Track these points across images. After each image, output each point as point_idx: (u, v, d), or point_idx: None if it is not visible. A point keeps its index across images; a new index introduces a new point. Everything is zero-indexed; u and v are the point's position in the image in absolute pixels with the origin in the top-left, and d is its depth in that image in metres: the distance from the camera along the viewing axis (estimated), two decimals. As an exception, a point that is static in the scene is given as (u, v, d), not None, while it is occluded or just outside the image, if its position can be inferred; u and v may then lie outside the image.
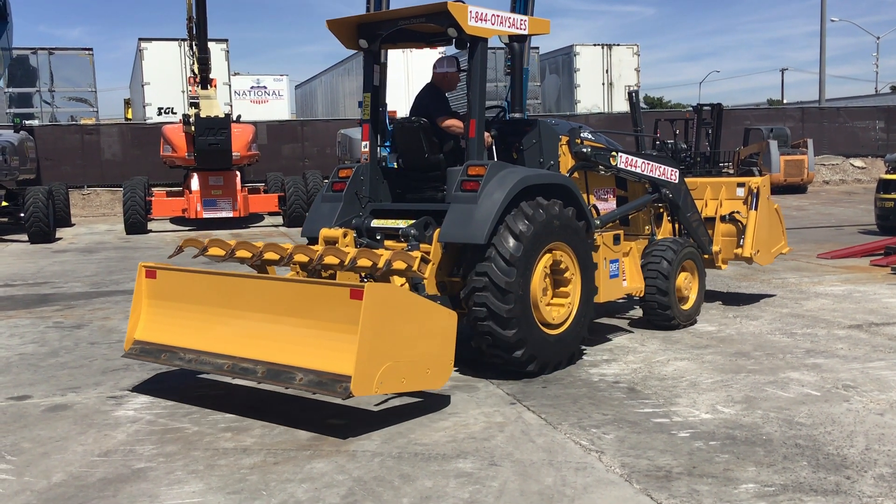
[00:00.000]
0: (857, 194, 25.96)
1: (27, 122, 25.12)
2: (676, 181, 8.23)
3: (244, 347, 5.51)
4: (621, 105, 33.86)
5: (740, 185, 8.92)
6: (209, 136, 18.01)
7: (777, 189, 25.87)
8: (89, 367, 6.87)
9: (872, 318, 8.00)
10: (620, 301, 8.17)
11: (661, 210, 8.52)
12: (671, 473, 4.33)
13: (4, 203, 18.07)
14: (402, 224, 6.60)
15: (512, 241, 6.00)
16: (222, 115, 18.41)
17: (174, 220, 20.72)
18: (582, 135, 7.35)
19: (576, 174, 7.36)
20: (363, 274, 6.02)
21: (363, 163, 7.11)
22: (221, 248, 6.46)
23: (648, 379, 6.12)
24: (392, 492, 4.18)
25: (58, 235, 18.20)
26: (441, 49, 33.01)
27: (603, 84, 34.34)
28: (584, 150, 7.28)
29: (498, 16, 6.49)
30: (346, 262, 5.80)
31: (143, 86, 29.62)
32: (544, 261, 6.26)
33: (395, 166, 7.33)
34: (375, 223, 6.81)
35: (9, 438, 5.13)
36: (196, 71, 18.63)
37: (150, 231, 18.93)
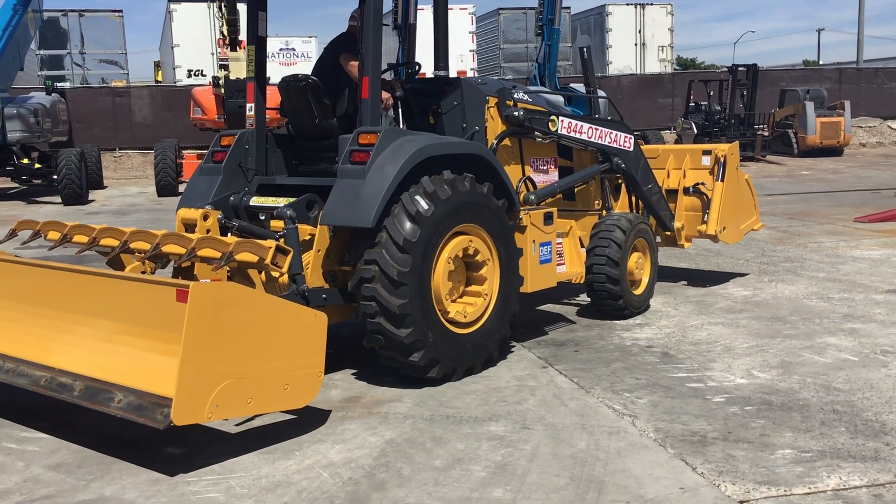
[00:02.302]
0: (894, 157, 25.45)
1: (59, 84, 25.26)
2: (630, 149, 7.32)
3: (65, 357, 4.56)
4: (654, 66, 33.33)
5: (706, 152, 7.80)
6: (239, 98, 17.97)
7: (813, 152, 25.48)
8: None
9: (911, 283, 7.85)
10: (576, 283, 6.97)
11: (620, 182, 7.64)
12: (706, 438, 4.28)
13: (37, 165, 18.22)
14: (282, 202, 5.55)
15: (408, 224, 5.01)
16: (252, 77, 18.39)
17: (205, 183, 20.80)
18: (515, 96, 6.42)
19: (507, 141, 6.43)
20: (231, 266, 5.04)
21: (248, 128, 6.11)
22: (57, 231, 5.59)
23: (682, 343, 6.06)
24: (424, 454, 4.17)
25: (90, 197, 18.36)
26: (471, 10, 32.44)
27: (635, 45, 33.77)
28: (517, 113, 6.29)
29: None
30: (184, 253, 4.85)
31: (172, 48, 29.58)
32: (451, 247, 5.29)
33: (287, 132, 6.35)
34: (255, 201, 5.81)
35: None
36: (225, 33, 18.57)
37: (181, 194, 19.04)
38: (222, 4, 18.52)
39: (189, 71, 29.43)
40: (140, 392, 4.09)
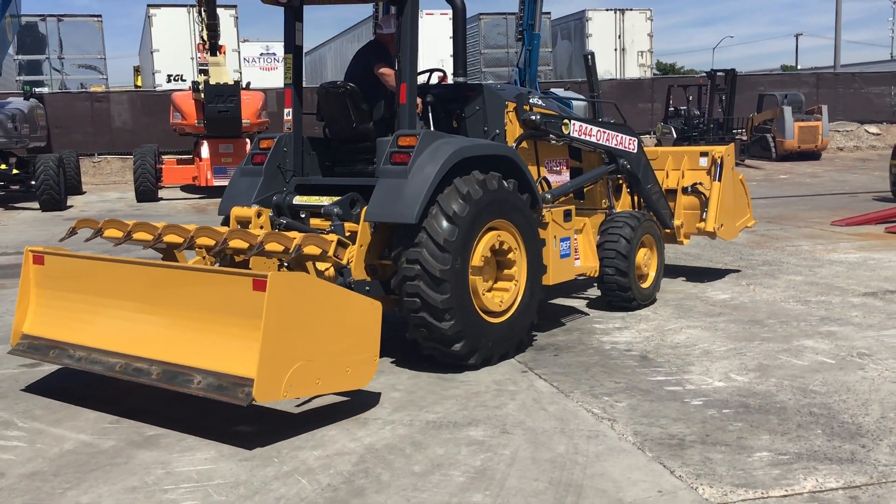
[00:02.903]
0: (871, 161, 25.70)
1: (37, 89, 25.07)
2: (635, 151, 7.74)
3: (139, 345, 4.86)
4: (634, 71, 33.52)
5: (703, 154, 8.28)
6: (219, 103, 17.94)
7: (791, 156, 25.68)
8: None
9: (887, 286, 7.92)
10: (580, 279, 7.52)
11: (621, 182, 8.01)
12: (684, 441, 4.31)
13: (15, 171, 18.07)
14: (325, 201, 5.92)
15: (445, 224, 5.35)
16: (232, 83, 18.33)
17: (184, 188, 20.70)
18: (531, 100, 6.81)
19: (524, 144, 6.75)
20: (281, 260, 5.38)
21: (286, 132, 6.41)
22: (119, 230, 5.81)
23: (661, 347, 6.09)
24: (403, 459, 4.17)
25: (69, 203, 18.22)
26: (450, 15, 32.50)
27: (615, 50, 33.95)
28: (533, 117, 6.66)
29: None
30: (253, 246, 5.08)
31: (152, 53, 29.46)
32: (485, 242, 5.64)
33: (324, 136, 6.67)
34: (298, 200, 6.12)
35: (21, 405, 5.14)
36: (205, 37, 18.53)
37: (161, 199, 18.93)
38: (202, 9, 18.46)
39: (169, 76, 29.32)
40: (219, 374, 4.41)
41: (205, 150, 18.99)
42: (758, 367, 5.54)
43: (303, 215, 6.06)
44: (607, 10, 34.29)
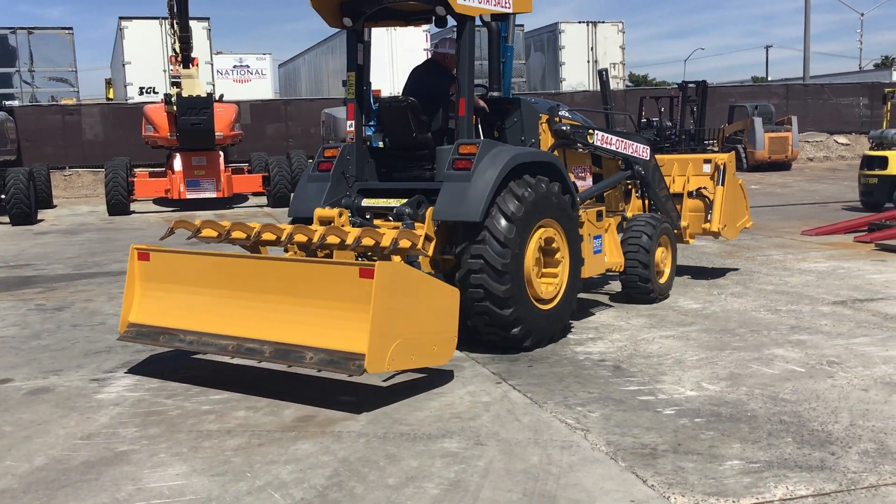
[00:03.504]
0: (841, 171, 26.06)
1: (7, 102, 24.83)
2: (648, 158, 8.39)
3: (249, 328, 5.45)
4: (606, 83, 33.72)
5: (707, 161, 9.03)
6: (191, 115, 17.88)
7: (762, 166, 25.97)
8: (71, 349, 6.81)
9: (856, 294, 8.03)
10: (596, 277, 8.25)
11: (630, 186, 8.61)
12: (656, 451, 4.33)
13: (-16, 185, 17.87)
14: (393, 203, 6.56)
15: (504, 223, 6.04)
16: (204, 95, 18.26)
17: (157, 201, 20.57)
18: (560, 113, 7.46)
19: (555, 152, 7.36)
20: (365, 252, 5.95)
21: (349, 142, 7.00)
22: (215, 230, 6.38)
23: (634, 357, 6.12)
24: (377, 472, 4.16)
25: (39, 217, 18.03)
26: (425, 27, 32.83)
27: (588, 62, 34.22)
28: (564, 128, 7.34)
29: None
30: (349, 242, 5.77)
31: (124, 65, 29.30)
32: (535, 238, 6.32)
33: (381, 145, 7.26)
34: (366, 202, 6.75)
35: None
36: (177, 50, 18.47)
37: (133, 212, 18.79)
38: (174, 21, 18.39)
39: (141, 88, 29.17)
40: (329, 350, 5.01)
41: (177, 163, 18.90)
42: (729, 375, 5.59)
43: (368, 216, 6.68)
44: (580, 22, 34.57)
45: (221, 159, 19.20)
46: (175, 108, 18.02)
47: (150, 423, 4.95)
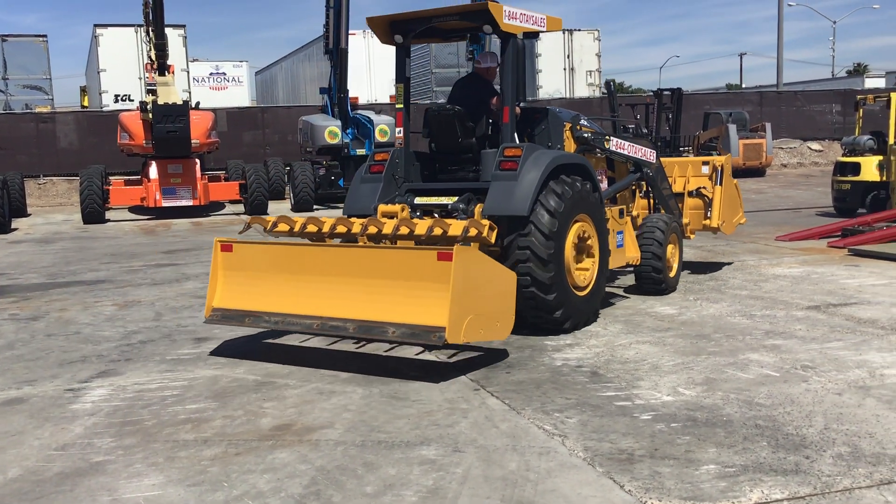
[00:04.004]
0: (814, 177, 26.33)
1: (-20, 110, 24.58)
2: (654, 160, 9.01)
3: (331, 308, 6.08)
4: (582, 90, 33.95)
5: (705, 163, 9.86)
6: (167, 123, 17.78)
7: (736, 173, 26.10)
8: (46, 359, 6.75)
9: (830, 299, 8.11)
10: (615, 270, 8.71)
11: (634, 187, 9.25)
12: (633, 456, 4.36)
13: (-43, 193, 17.67)
14: (445, 200, 7.30)
15: (548, 217, 6.74)
16: (180, 102, 18.17)
17: (132, 210, 20.44)
18: (581, 122, 8.16)
19: None
20: (430, 241, 6.49)
21: (398, 147, 7.71)
22: (288, 224, 7.05)
23: (611, 362, 6.15)
24: (355, 480, 4.15)
25: (13, 226, 17.86)
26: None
27: (564, 69, 34.40)
28: (585, 135, 8.06)
29: (525, 14, 7.28)
30: (421, 232, 6.45)
31: (99, 73, 29.11)
32: (573, 231, 7.04)
33: (429, 150, 7.94)
34: (418, 200, 7.43)
35: None
36: (153, 57, 18.37)
37: (108, 220, 18.66)
38: (150, 29, 18.29)
39: (116, 96, 29.00)
40: (410, 325, 5.70)
41: (153, 171, 18.79)
42: (705, 380, 5.63)
43: (417, 213, 7.29)
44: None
45: (198, 167, 19.11)
46: (151, 115, 17.91)
47: (126, 433, 4.91)
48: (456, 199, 7.20)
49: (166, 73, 18.26)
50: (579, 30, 34.97)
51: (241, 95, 38.96)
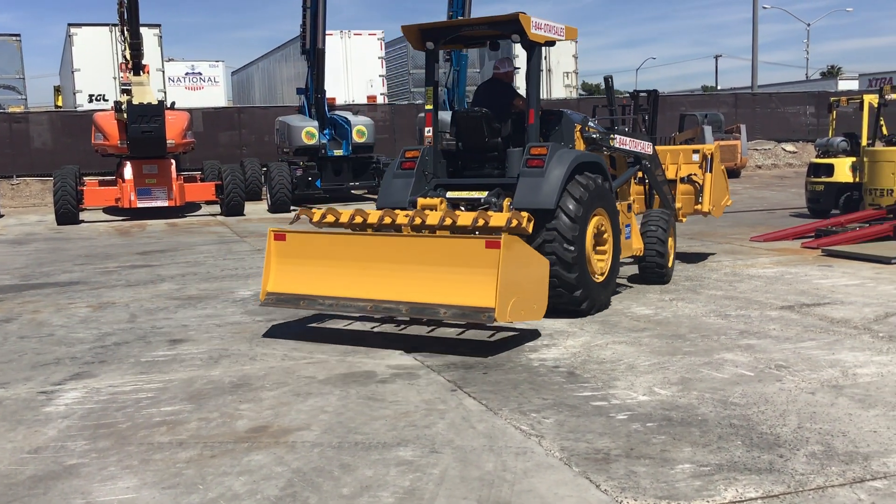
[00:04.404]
0: (788, 178, 26.58)
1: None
2: (651, 153, 9.58)
3: (384, 292, 6.62)
4: (559, 91, 34.04)
5: (695, 151, 10.62)
6: (142, 123, 17.63)
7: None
8: (19, 361, 6.67)
9: (804, 299, 8.19)
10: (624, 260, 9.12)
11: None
12: (609, 456, 4.38)
13: (-72, 194, 17.45)
14: (475, 195, 7.90)
15: (573, 204, 7.43)
16: (155, 102, 18.02)
17: (107, 210, 20.26)
18: (589, 123, 8.74)
19: None
20: (467, 230, 7.04)
21: (427, 145, 8.28)
22: (333, 216, 7.52)
23: (587, 363, 6.18)
24: (332, 482, 4.14)
25: (-15, 227, 17.63)
26: (380, 36, 33.01)
27: (541, 70, 34.45)
28: (594, 135, 8.61)
29: (548, 25, 7.87)
30: (467, 223, 6.95)
31: (73, 72, 28.82)
32: (592, 223, 7.72)
33: (456, 148, 8.49)
34: (451, 194, 7.99)
35: (-67, 438, 4.95)
36: (128, 57, 18.19)
37: (83, 221, 18.47)
38: (125, 28, 18.13)
39: (90, 96, 28.72)
40: (461, 306, 6.30)
41: (128, 172, 18.63)
42: (680, 380, 5.66)
43: (448, 206, 7.75)
44: (533, 31, 34.75)
45: (173, 167, 18.96)
46: (125, 115, 17.75)
47: (100, 436, 4.87)
48: (486, 193, 7.82)
49: (141, 73, 18.11)
50: (556, 31, 35.01)
51: (217, 95, 38.75)
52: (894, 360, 6.02)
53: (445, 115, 22.16)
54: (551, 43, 8.17)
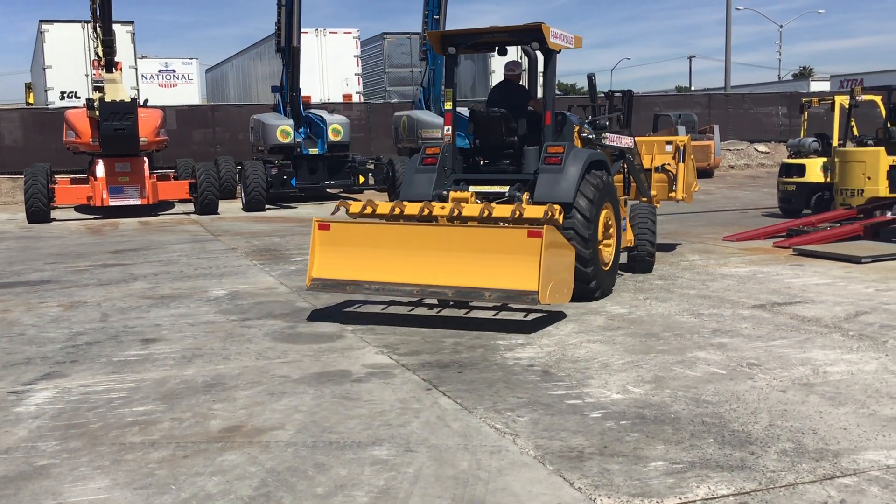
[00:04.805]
0: (761, 178, 26.80)
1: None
2: (633, 146, 10.24)
3: (430, 277, 7.20)
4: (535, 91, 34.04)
5: (669, 143, 11.46)
6: (115, 121, 17.43)
7: (686, 174, 26.55)
8: (-12, 361, 6.59)
9: (775, 298, 8.27)
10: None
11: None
12: (583, 454, 4.40)
13: None
14: (497, 189, 8.49)
15: (586, 203, 8.08)
16: (128, 100, 17.84)
17: (79, 209, 20.04)
18: (584, 125, 9.36)
19: None
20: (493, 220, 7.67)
21: (446, 143, 8.82)
22: (370, 207, 7.98)
23: (562, 361, 6.20)
24: (306, 482, 4.13)
25: (-46, 225, 17.39)
26: (355, 35, 32.95)
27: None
28: (590, 136, 9.24)
29: (562, 35, 8.61)
30: (507, 215, 7.53)
31: (44, 69, 28.49)
32: (602, 216, 8.40)
33: (471, 146, 9.12)
34: (473, 188, 8.50)
35: None
36: (100, 54, 18.00)
37: (54, 220, 18.26)
38: (97, 25, 17.95)
39: (62, 93, 28.40)
40: (505, 290, 6.98)
41: (100, 170, 18.42)
42: (653, 378, 5.70)
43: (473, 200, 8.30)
44: (508, 31, 34.79)
45: (146, 166, 18.77)
46: (98, 113, 17.56)
47: (71, 437, 4.82)
48: (506, 188, 8.43)
49: (114, 70, 17.92)
50: (532, 31, 35.09)
51: (191, 93, 38.45)
52: (864, 359, 6.10)
53: (423, 115, 22.30)
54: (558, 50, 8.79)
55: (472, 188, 8.46)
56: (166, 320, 7.89)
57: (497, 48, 9.06)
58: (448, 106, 8.96)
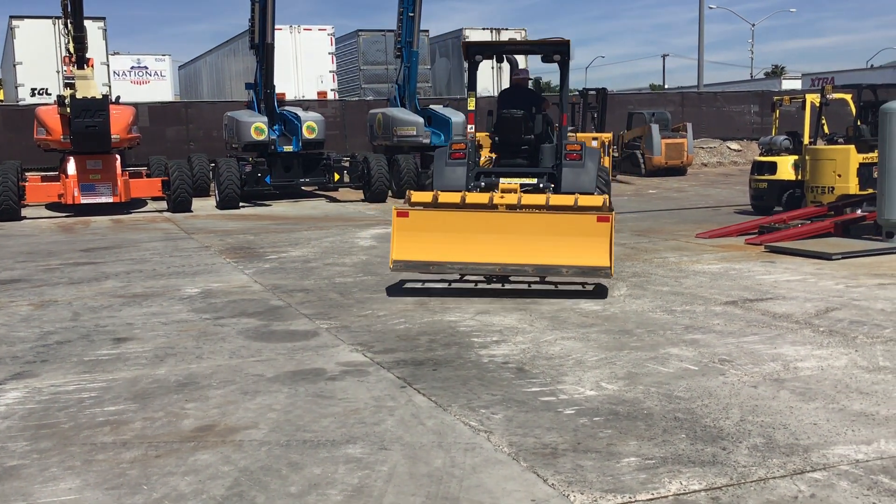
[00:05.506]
0: (733, 176, 27.00)
1: None
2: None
3: (509, 257, 8.30)
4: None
5: (595, 138, 12.91)
6: (86, 117, 17.23)
7: (658, 171, 26.74)
8: (-44, 362, 6.50)
9: (747, 295, 8.35)
10: None
11: None
12: (557, 450, 4.42)
13: None
14: (526, 181, 9.56)
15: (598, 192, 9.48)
16: (100, 96, 17.64)
17: (50, 207, 19.81)
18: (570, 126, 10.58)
19: None
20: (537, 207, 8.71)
21: (470, 140, 9.93)
22: (429, 197, 8.75)
23: (536, 358, 6.22)
24: (279, 481, 4.11)
25: (-78, 223, 17.12)
26: (330, 32, 32.85)
27: (492, 68, 34.50)
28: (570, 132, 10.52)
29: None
30: (570, 204, 8.55)
31: (14, 66, 28.12)
32: None
33: (493, 143, 10.56)
34: (504, 180, 9.47)
35: None
36: (71, 50, 17.80)
37: (24, 218, 18.03)
38: (68, 21, 17.73)
39: (33, 89, 28.05)
40: (580, 266, 8.27)
41: (71, 167, 18.21)
42: (627, 375, 5.74)
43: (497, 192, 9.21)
44: (484, 28, 34.87)
45: (118, 163, 18.57)
46: (69, 109, 17.36)
47: (42, 437, 4.77)
48: (535, 180, 9.62)
49: (85, 67, 17.70)
50: (507, 29, 35.14)
51: (164, 90, 38.12)
52: (834, 354, 6.17)
53: (398, 112, 22.26)
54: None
55: (503, 180, 9.43)
56: (138, 319, 7.83)
57: (503, 57, 10.43)
58: (471, 107, 10.12)
